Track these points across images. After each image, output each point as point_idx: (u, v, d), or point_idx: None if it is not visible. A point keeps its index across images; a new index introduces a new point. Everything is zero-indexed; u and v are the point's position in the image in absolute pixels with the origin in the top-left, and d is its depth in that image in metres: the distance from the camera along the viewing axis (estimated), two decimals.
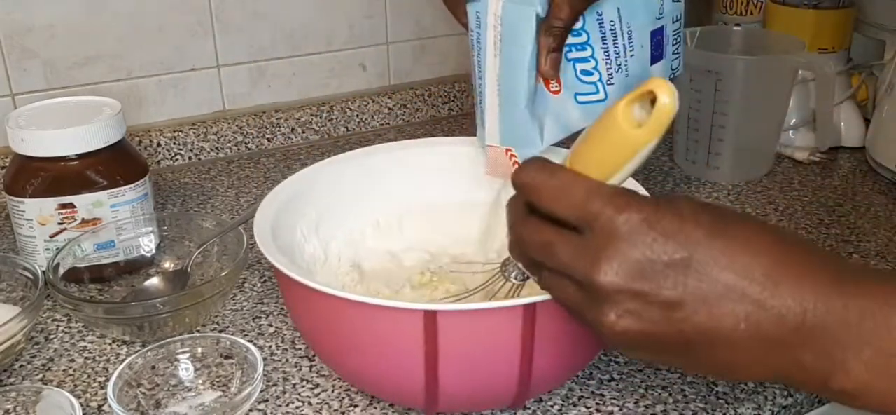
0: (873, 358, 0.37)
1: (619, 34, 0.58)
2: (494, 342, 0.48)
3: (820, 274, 0.39)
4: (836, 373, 0.38)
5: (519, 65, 0.55)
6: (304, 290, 0.49)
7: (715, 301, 0.39)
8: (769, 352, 0.39)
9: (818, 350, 0.38)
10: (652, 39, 0.61)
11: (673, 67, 0.65)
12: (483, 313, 0.46)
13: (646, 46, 0.60)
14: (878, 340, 0.37)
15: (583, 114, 0.58)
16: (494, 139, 0.58)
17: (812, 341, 0.38)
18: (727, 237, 0.39)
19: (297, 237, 0.60)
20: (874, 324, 0.37)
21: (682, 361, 0.41)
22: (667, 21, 0.62)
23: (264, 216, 0.56)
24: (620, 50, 0.58)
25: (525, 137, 0.57)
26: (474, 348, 0.48)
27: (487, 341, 0.48)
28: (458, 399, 0.51)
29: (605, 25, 0.57)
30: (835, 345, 0.38)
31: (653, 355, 0.42)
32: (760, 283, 0.38)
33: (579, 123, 0.58)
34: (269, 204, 0.58)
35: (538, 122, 0.57)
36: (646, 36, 0.60)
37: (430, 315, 0.46)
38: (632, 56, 0.59)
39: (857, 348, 0.38)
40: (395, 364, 0.49)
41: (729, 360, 0.40)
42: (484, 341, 0.48)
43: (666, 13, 0.61)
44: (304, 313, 0.53)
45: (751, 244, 0.39)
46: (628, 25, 0.58)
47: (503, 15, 0.55)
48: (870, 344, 0.37)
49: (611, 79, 0.58)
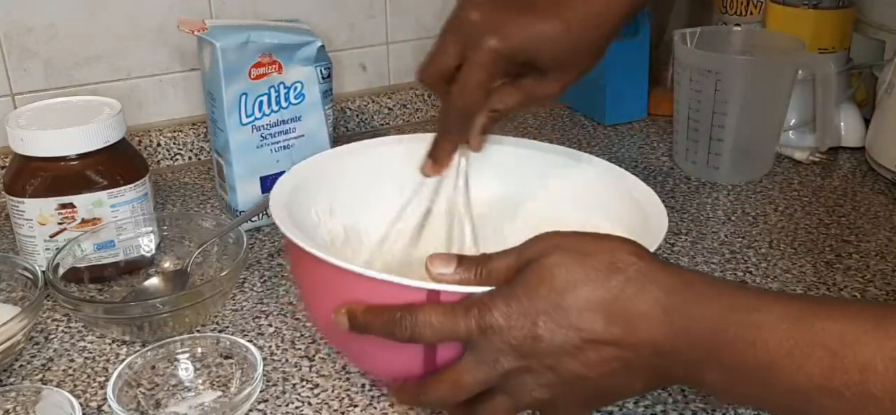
0: (718, 375, 0.42)
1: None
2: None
3: (652, 315, 0.43)
4: (701, 383, 0.44)
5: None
6: (312, 260, 0.49)
7: (582, 353, 0.44)
8: (646, 374, 0.45)
9: (681, 364, 0.43)
10: None
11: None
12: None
13: None
14: (719, 356, 0.42)
15: None
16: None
17: (673, 359, 0.43)
18: (565, 307, 0.44)
19: (312, 216, 0.60)
20: (706, 350, 0.42)
21: (602, 400, 0.48)
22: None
23: (282, 190, 0.57)
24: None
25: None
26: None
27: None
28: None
29: None
30: (688, 364, 0.43)
31: (580, 403, 0.47)
32: (606, 328, 0.44)
33: None
34: (288, 181, 0.59)
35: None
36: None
37: (433, 294, 0.46)
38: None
39: (707, 364, 0.42)
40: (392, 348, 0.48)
41: (622, 385, 0.45)
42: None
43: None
44: (310, 286, 0.53)
45: (591, 302, 0.44)
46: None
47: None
48: (713, 360, 0.42)
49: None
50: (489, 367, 0.45)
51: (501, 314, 0.44)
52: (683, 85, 0.87)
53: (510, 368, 0.45)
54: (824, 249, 0.74)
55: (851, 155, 0.94)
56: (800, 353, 0.39)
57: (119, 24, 0.91)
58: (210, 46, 0.74)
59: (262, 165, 0.79)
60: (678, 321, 0.43)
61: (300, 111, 0.79)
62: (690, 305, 0.43)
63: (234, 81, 0.75)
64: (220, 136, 0.78)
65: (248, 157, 0.78)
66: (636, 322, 0.43)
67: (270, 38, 0.76)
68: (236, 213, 0.79)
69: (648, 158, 0.95)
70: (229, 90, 0.75)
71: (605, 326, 0.43)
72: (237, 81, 0.75)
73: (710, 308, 0.42)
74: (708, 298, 0.43)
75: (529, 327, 0.44)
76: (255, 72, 0.76)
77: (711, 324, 0.42)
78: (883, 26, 0.94)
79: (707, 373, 0.42)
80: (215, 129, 0.79)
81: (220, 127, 0.77)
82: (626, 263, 0.44)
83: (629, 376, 0.44)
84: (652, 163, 0.94)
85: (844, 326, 0.39)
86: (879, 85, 0.90)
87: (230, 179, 0.78)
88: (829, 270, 0.71)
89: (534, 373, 0.45)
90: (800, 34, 0.88)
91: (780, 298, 0.43)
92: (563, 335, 0.44)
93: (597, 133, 1.02)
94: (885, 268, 0.71)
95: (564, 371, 0.44)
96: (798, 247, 0.75)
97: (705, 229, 0.79)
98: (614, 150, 0.97)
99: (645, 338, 0.43)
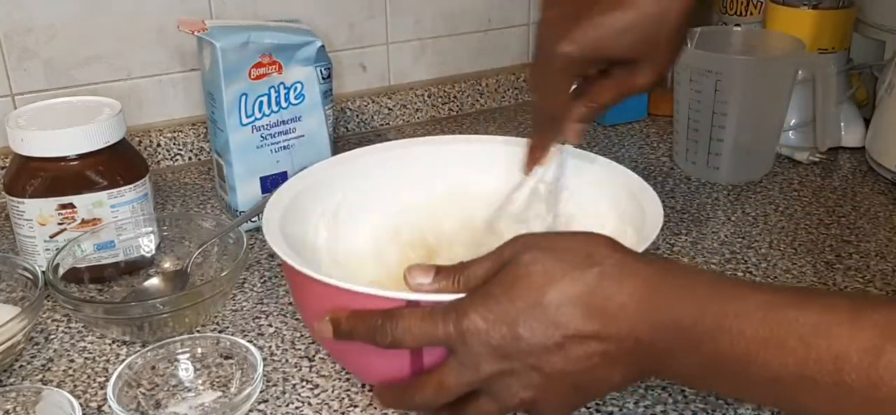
0: (697, 364, 0.43)
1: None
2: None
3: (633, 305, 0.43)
4: (679, 373, 0.45)
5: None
6: (298, 275, 0.50)
7: (563, 350, 0.44)
8: (625, 366, 0.45)
9: (659, 354, 0.43)
10: None
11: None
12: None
13: None
14: (697, 346, 0.42)
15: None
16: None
17: (652, 349, 0.43)
18: (544, 303, 0.44)
19: (309, 229, 0.61)
20: (684, 339, 0.42)
21: (583, 396, 0.48)
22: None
23: (280, 199, 0.59)
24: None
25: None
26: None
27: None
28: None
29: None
30: (667, 353, 0.43)
31: (563, 401, 0.47)
32: (585, 322, 0.44)
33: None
34: (287, 191, 0.60)
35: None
36: None
37: (412, 305, 0.47)
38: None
39: (686, 354, 0.43)
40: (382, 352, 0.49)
41: (602, 379, 0.45)
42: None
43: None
44: (301, 299, 0.54)
45: (570, 296, 0.44)
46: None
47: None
48: (691, 349, 0.42)
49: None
50: (472, 370, 0.45)
51: (480, 317, 0.44)
52: (683, 85, 0.87)
53: (493, 371, 0.45)
54: (824, 249, 0.74)
55: (851, 155, 0.94)
56: (775, 342, 0.40)
57: (119, 24, 0.91)
58: (210, 47, 0.74)
59: (262, 165, 0.79)
60: (656, 312, 0.43)
61: (300, 111, 0.79)
62: (668, 295, 0.43)
63: (234, 82, 0.75)
64: (220, 136, 0.78)
65: (248, 157, 0.78)
66: (615, 314, 0.43)
67: (270, 38, 0.76)
68: (236, 213, 0.79)
69: (648, 158, 0.95)
70: (229, 90, 0.75)
71: (584, 320, 0.43)
72: (237, 82, 0.75)
73: (689, 298, 0.43)
74: (686, 288, 0.43)
75: (509, 326, 0.44)
76: (255, 72, 0.76)
77: (689, 313, 0.42)
78: (883, 26, 0.94)
79: (686, 362, 0.43)
80: (215, 129, 0.79)
81: (220, 127, 0.77)
82: (602, 257, 0.44)
83: (609, 368, 0.44)
84: (652, 163, 0.94)
85: (819, 316, 0.39)
86: (879, 85, 0.90)
87: (230, 179, 0.78)
88: (829, 270, 0.71)
89: (516, 375, 0.45)
90: (800, 34, 0.88)
91: (758, 289, 0.43)
92: (543, 332, 0.44)
93: (597, 133, 1.02)
94: (885, 268, 0.71)
95: (547, 368, 0.44)
96: (798, 247, 0.75)
97: (705, 229, 0.79)
98: (614, 150, 0.97)
99: (624, 329, 0.43)
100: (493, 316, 0.44)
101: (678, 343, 0.42)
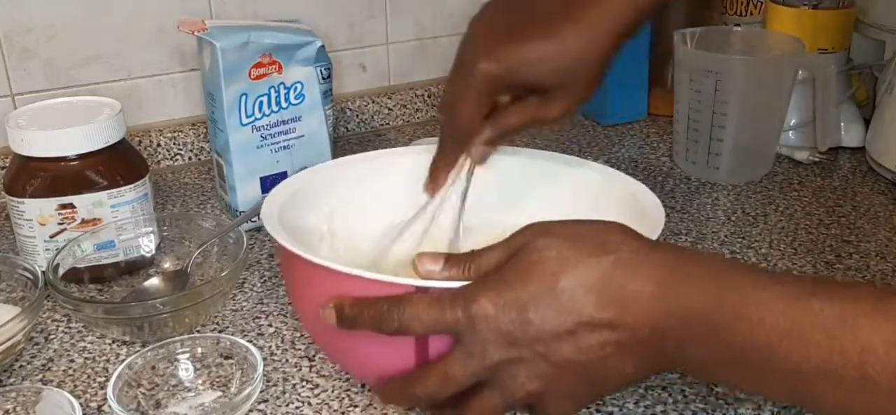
0: (713, 355, 0.42)
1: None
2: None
3: (647, 292, 0.43)
4: (694, 364, 0.44)
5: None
6: (302, 263, 0.49)
7: (575, 337, 0.43)
8: (639, 357, 0.44)
9: (674, 344, 0.43)
10: None
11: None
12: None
13: None
14: (714, 336, 0.41)
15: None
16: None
17: (666, 339, 0.43)
18: (558, 290, 0.43)
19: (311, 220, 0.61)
20: (700, 329, 0.41)
21: (593, 389, 0.46)
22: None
23: (279, 194, 0.59)
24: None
25: None
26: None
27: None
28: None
29: None
30: (682, 343, 0.42)
31: (571, 393, 0.46)
32: (599, 310, 0.43)
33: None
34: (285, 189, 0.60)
35: None
36: None
37: (421, 291, 0.46)
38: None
39: (701, 344, 0.42)
40: (383, 345, 0.48)
41: (614, 370, 0.44)
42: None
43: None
44: (302, 292, 0.54)
45: (584, 284, 0.43)
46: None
47: None
48: (708, 339, 0.41)
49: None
50: (478, 358, 0.44)
51: (490, 302, 0.44)
52: (683, 85, 0.87)
53: (500, 359, 0.44)
54: (824, 249, 0.75)
55: (851, 155, 0.94)
56: (798, 334, 0.39)
57: (119, 24, 0.91)
58: (210, 47, 0.74)
59: (262, 165, 0.79)
60: (673, 300, 0.42)
61: (300, 111, 0.79)
62: (684, 283, 0.42)
63: (234, 82, 0.75)
64: (220, 136, 0.78)
65: (248, 157, 0.78)
66: (629, 302, 0.43)
67: (270, 38, 0.76)
68: (236, 213, 0.79)
69: (648, 158, 0.95)
70: (229, 90, 0.75)
71: (598, 307, 0.43)
72: (237, 82, 0.75)
73: (705, 287, 0.42)
74: (702, 277, 0.42)
75: (519, 311, 0.43)
76: (255, 72, 0.76)
77: (706, 303, 0.41)
78: (883, 26, 0.94)
79: (702, 352, 0.42)
80: (215, 129, 0.79)
81: (220, 127, 0.77)
82: (617, 244, 0.44)
83: (622, 359, 0.44)
84: (652, 163, 0.94)
85: (843, 307, 0.38)
86: (879, 85, 0.90)
87: (230, 179, 0.79)
88: (829, 271, 0.71)
89: (525, 363, 0.44)
90: (800, 34, 0.88)
91: (777, 278, 0.42)
92: (554, 319, 0.43)
93: (597, 133, 1.02)
94: (885, 268, 0.71)
95: (557, 357, 0.44)
96: (798, 247, 0.75)
97: (705, 230, 0.79)
98: (614, 150, 0.97)
99: (638, 318, 0.42)
100: (503, 301, 0.43)
101: (695, 332, 0.42)
